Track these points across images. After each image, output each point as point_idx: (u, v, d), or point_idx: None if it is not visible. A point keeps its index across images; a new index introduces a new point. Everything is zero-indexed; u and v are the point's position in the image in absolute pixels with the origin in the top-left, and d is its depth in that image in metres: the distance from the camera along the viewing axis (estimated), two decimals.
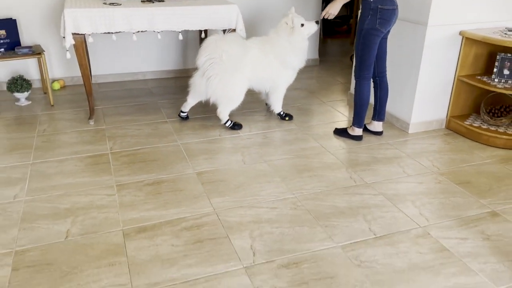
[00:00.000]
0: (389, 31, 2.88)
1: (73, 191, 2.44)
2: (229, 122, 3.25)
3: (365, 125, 3.21)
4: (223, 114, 3.24)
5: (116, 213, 2.25)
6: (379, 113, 3.13)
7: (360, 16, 2.83)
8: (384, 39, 2.90)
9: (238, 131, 3.25)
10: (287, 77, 3.27)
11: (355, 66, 2.98)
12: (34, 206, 2.29)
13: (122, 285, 1.78)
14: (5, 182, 2.51)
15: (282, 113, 3.46)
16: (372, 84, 3.09)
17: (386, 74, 3.04)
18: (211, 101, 3.19)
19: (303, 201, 2.38)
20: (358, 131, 3.11)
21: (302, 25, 3.09)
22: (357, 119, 3.06)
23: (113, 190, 2.45)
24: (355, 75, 2.98)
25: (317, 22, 3.18)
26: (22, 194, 2.40)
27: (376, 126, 3.18)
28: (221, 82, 3.05)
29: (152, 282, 1.79)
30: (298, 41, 3.10)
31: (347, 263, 1.93)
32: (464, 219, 2.26)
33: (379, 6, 2.69)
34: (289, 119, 3.47)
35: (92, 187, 2.48)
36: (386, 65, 3.03)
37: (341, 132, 3.19)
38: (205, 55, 3.02)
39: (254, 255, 1.96)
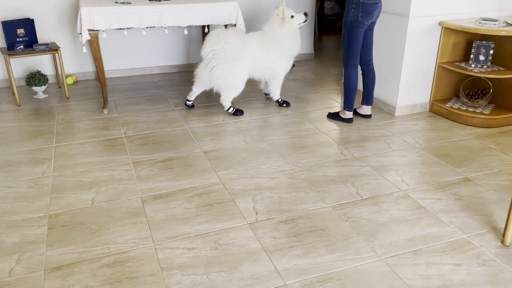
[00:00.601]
0: (373, 23, 3.19)
1: (94, 167, 2.75)
2: (231, 109, 3.56)
3: (356, 109, 3.51)
4: (226, 101, 3.55)
5: (134, 184, 2.55)
6: (367, 98, 3.44)
7: (345, 9, 3.15)
8: (370, 30, 3.20)
9: (240, 116, 3.56)
10: (284, 64, 3.58)
11: (343, 56, 3.29)
12: (61, 180, 2.60)
13: (144, 238, 2.08)
14: (33, 162, 2.82)
15: (280, 100, 3.78)
16: (360, 72, 3.40)
17: (372, 63, 3.35)
18: (215, 89, 3.50)
19: (298, 172, 2.69)
20: (348, 114, 3.42)
21: (292, 16, 3.40)
22: (347, 103, 3.37)
23: (130, 167, 2.76)
24: (343, 64, 3.29)
25: (305, 14, 3.48)
26: (49, 171, 2.71)
27: (365, 109, 3.49)
28: (223, 71, 3.36)
29: (169, 236, 2.10)
30: (290, 30, 3.41)
31: (336, 219, 2.23)
32: (440, 184, 2.56)
33: (361, 1, 3.00)
34: (286, 106, 3.78)
35: (111, 164, 2.79)
36: (373, 54, 3.34)
37: (333, 116, 3.50)
38: (209, 47, 3.34)
39: (256, 214, 2.27)
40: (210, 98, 3.91)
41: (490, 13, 3.53)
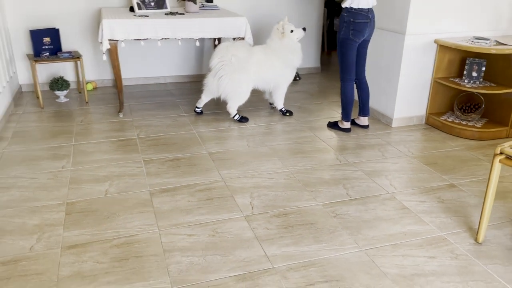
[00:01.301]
0: (367, 41, 3.40)
1: (109, 164, 3.01)
2: (237, 116, 3.81)
3: (354, 120, 3.73)
4: (232, 109, 3.80)
5: (144, 179, 2.80)
6: (363, 110, 3.65)
7: (339, 27, 3.39)
8: (363, 48, 3.42)
9: (245, 123, 3.80)
10: (288, 75, 3.83)
11: (339, 71, 3.51)
12: (78, 174, 2.87)
13: (150, 225, 2.32)
14: (54, 157, 3.10)
15: (283, 109, 4.01)
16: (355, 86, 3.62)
17: (364, 76, 3.55)
18: (222, 97, 3.76)
19: (295, 173, 2.91)
20: (346, 124, 3.63)
21: (292, 31, 3.66)
22: (344, 114, 3.59)
23: (141, 164, 3.02)
24: (340, 78, 3.51)
25: (304, 29, 3.74)
26: (68, 165, 2.98)
27: (362, 120, 3.70)
28: (230, 81, 3.62)
29: (173, 224, 2.33)
30: (289, 43, 3.66)
31: (326, 215, 2.44)
32: (425, 188, 2.75)
33: (351, 20, 3.23)
34: (289, 115, 4.01)
35: (123, 162, 3.05)
36: (365, 70, 3.54)
37: (333, 125, 3.72)
38: (217, 58, 3.61)
39: (252, 209, 2.49)
40: (218, 106, 4.17)
41: (486, 32, 3.74)
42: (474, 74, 3.56)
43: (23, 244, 2.15)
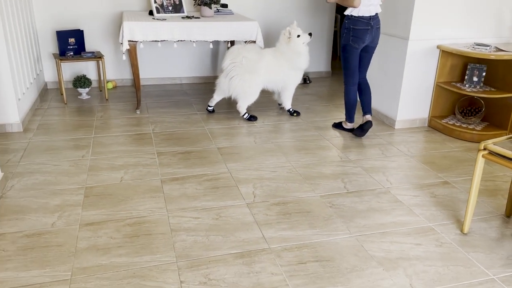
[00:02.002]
0: (371, 47, 3.51)
1: (125, 155, 3.25)
2: (246, 115, 4.02)
3: (361, 125, 3.78)
4: (242, 108, 4.01)
5: (156, 169, 3.03)
6: (364, 110, 3.78)
7: (341, 33, 3.55)
8: (367, 53, 3.54)
9: (254, 122, 4.01)
10: (295, 77, 4.03)
11: (343, 75, 3.68)
12: (96, 162, 3.11)
13: (160, 208, 2.54)
14: (75, 147, 3.36)
15: (291, 109, 4.21)
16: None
17: (365, 79, 3.68)
18: (232, 97, 3.97)
19: (297, 168, 3.10)
20: (349, 125, 3.80)
21: (298, 36, 3.85)
22: (348, 116, 3.75)
23: (154, 156, 3.25)
24: (343, 82, 3.67)
25: (310, 34, 3.92)
26: (88, 155, 3.23)
27: (366, 118, 3.84)
28: (240, 81, 3.84)
29: (180, 208, 2.55)
30: (296, 47, 3.85)
31: (322, 205, 2.62)
32: (420, 184, 2.90)
33: (351, 27, 3.39)
34: (297, 115, 4.20)
35: (138, 153, 3.28)
36: (366, 73, 3.68)
37: (337, 125, 3.89)
38: (229, 59, 3.83)
39: (254, 197, 2.68)
40: (230, 105, 4.38)
41: (488, 39, 3.87)
42: (475, 79, 3.69)
43: (46, 220, 2.39)
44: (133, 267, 2.03)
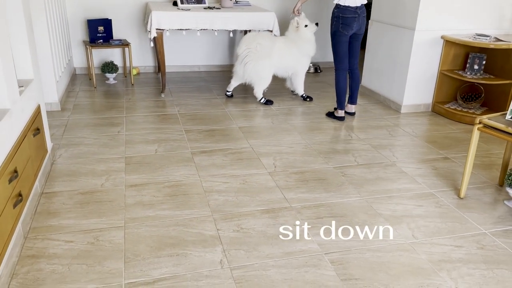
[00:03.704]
0: (358, 35, 3.79)
1: (156, 131, 3.60)
2: (263, 99, 4.36)
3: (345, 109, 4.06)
4: (258, 93, 4.35)
5: (185, 143, 3.38)
6: (351, 98, 4.08)
7: (330, 21, 3.86)
8: (356, 41, 3.83)
9: (270, 106, 4.34)
10: (304, 63, 4.36)
11: (333, 61, 3.97)
12: (131, 137, 3.46)
13: (193, 174, 2.88)
14: (110, 124, 3.71)
15: (304, 95, 4.54)
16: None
17: (357, 68, 3.97)
18: (247, 82, 4.31)
19: (312, 145, 3.43)
20: (340, 113, 4.06)
21: (306, 25, 4.17)
22: (338, 103, 4.01)
23: (182, 133, 3.59)
24: (334, 68, 3.96)
25: (316, 24, 4.24)
26: (123, 131, 3.58)
27: (350, 108, 4.14)
28: (255, 66, 4.17)
29: (210, 174, 2.89)
30: (304, 35, 4.18)
31: (335, 174, 2.95)
32: (423, 159, 3.23)
33: (340, 15, 3.68)
34: (309, 100, 4.53)
35: (168, 130, 3.63)
36: (357, 61, 3.96)
37: (330, 114, 4.17)
38: (244, 46, 4.16)
39: (275, 167, 3.02)
40: (247, 91, 4.72)
41: (489, 30, 4.17)
42: (476, 67, 4.00)
43: (95, 182, 2.74)
44: (176, 218, 2.38)
